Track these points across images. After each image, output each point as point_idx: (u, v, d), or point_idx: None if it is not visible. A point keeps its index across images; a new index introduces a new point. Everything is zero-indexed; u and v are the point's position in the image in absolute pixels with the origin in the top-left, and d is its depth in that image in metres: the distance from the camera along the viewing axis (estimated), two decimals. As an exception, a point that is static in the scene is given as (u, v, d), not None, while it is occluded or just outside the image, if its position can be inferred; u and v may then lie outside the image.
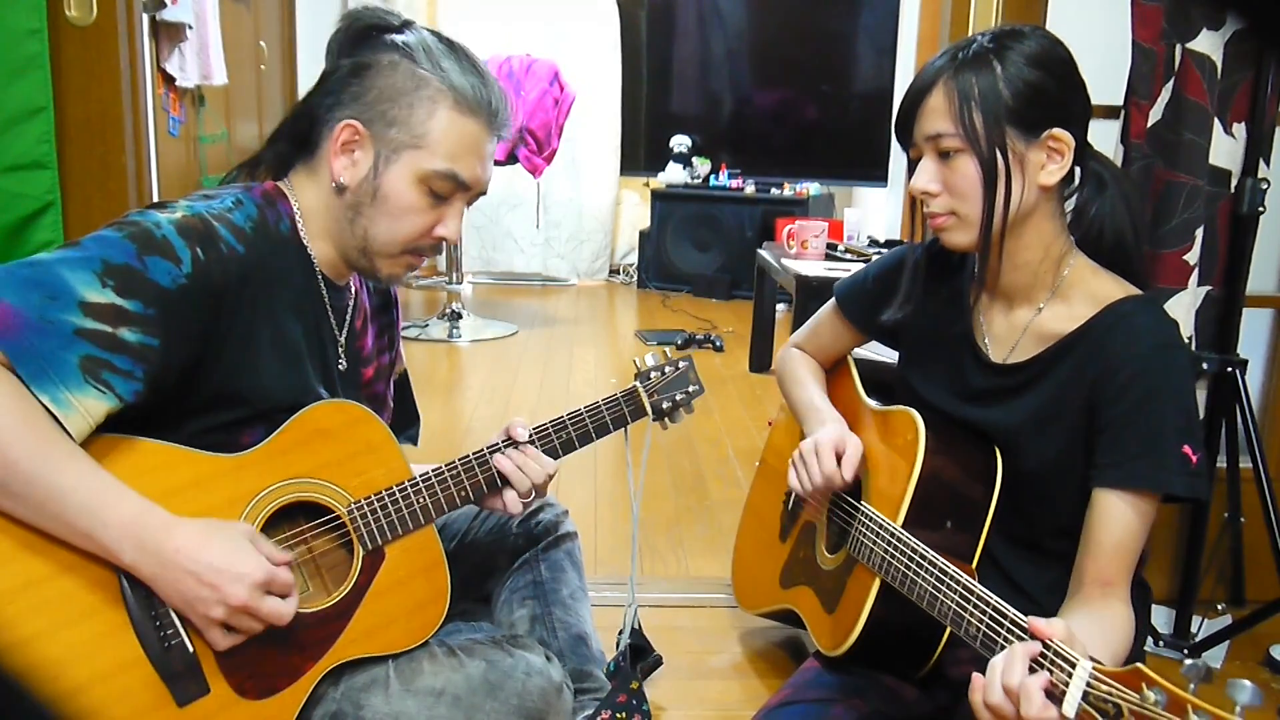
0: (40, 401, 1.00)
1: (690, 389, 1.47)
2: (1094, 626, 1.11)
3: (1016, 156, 1.20)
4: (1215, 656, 1.81)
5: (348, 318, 1.31)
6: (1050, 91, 1.20)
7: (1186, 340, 1.77)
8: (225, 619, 1.07)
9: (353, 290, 1.33)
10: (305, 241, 1.23)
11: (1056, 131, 1.20)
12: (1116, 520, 1.18)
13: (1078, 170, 1.28)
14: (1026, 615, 1.03)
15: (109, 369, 1.03)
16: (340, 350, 1.30)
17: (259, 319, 1.16)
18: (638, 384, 1.45)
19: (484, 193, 1.26)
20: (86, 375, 1.02)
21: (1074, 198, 1.30)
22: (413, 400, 1.54)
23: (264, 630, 1.10)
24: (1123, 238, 1.28)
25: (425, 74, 1.18)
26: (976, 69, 1.19)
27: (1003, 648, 1.04)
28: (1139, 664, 0.88)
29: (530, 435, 1.33)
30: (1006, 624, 1.06)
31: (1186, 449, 1.16)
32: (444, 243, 1.25)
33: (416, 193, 1.19)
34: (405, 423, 1.52)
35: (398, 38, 1.20)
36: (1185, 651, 1.81)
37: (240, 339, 1.14)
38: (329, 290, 1.26)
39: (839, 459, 1.40)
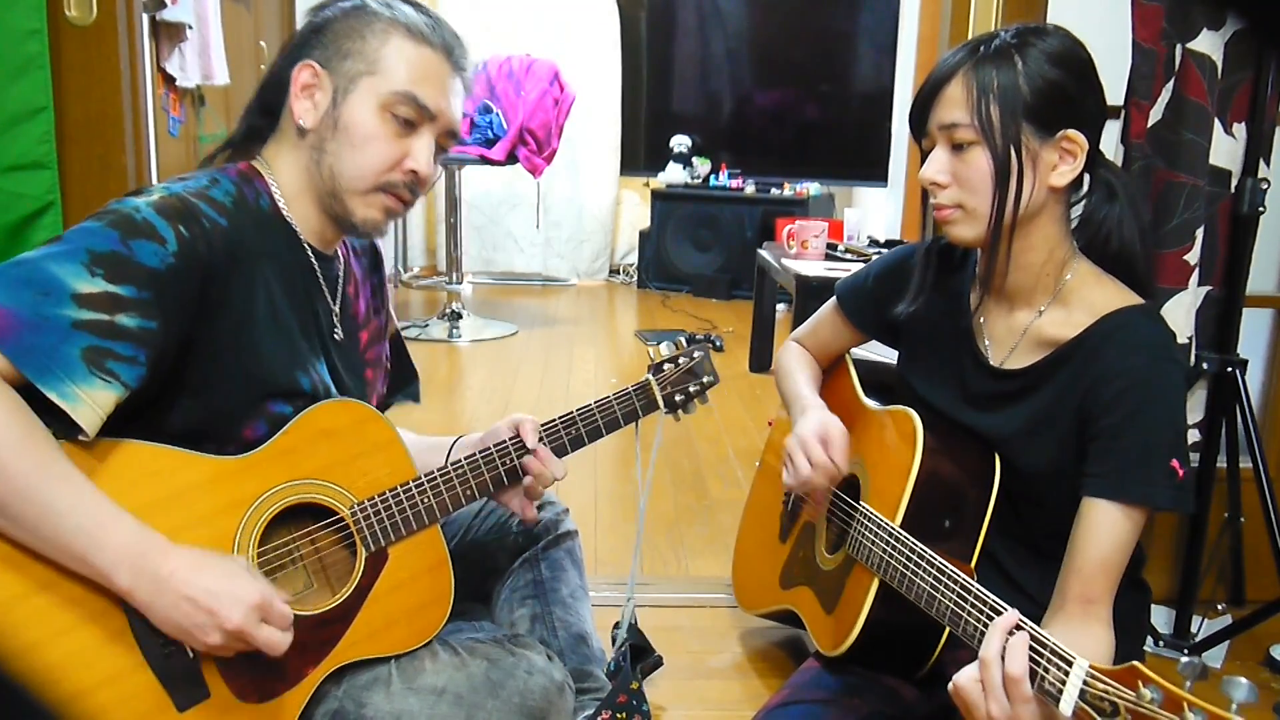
0: (48, 398, 1.00)
1: (705, 380, 1.46)
2: (1072, 649, 1.11)
3: (1030, 154, 1.20)
4: (1215, 656, 1.81)
5: (339, 286, 1.31)
6: (1069, 91, 1.19)
7: (1187, 340, 1.77)
8: (222, 644, 1.05)
9: (341, 258, 1.32)
10: (287, 215, 1.23)
11: (1071, 133, 1.20)
12: (1104, 531, 1.18)
13: (1087, 176, 1.27)
14: (1026, 615, 1.04)
15: (112, 357, 1.03)
16: (335, 319, 1.29)
17: (250, 292, 1.15)
18: (650, 376, 1.44)
19: (454, 132, 1.25)
20: (91, 366, 1.02)
21: (1082, 204, 1.29)
22: (408, 356, 1.53)
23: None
24: (1130, 247, 1.27)
25: (376, 9, 1.20)
26: (998, 63, 1.19)
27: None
28: (1135, 662, 0.88)
29: (541, 436, 1.33)
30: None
31: (1174, 463, 1.17)
32: (418, 180, 1.22)
33: (377, 120, 1.19)
34: (404, 380, 1.52)
35: None
36: (1185, 651, 1.81)
37: (233, 313, 1.14)
38: (318, 261, 1.26)
39: (825, 448, 1.40)
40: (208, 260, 1.10)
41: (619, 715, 1.42)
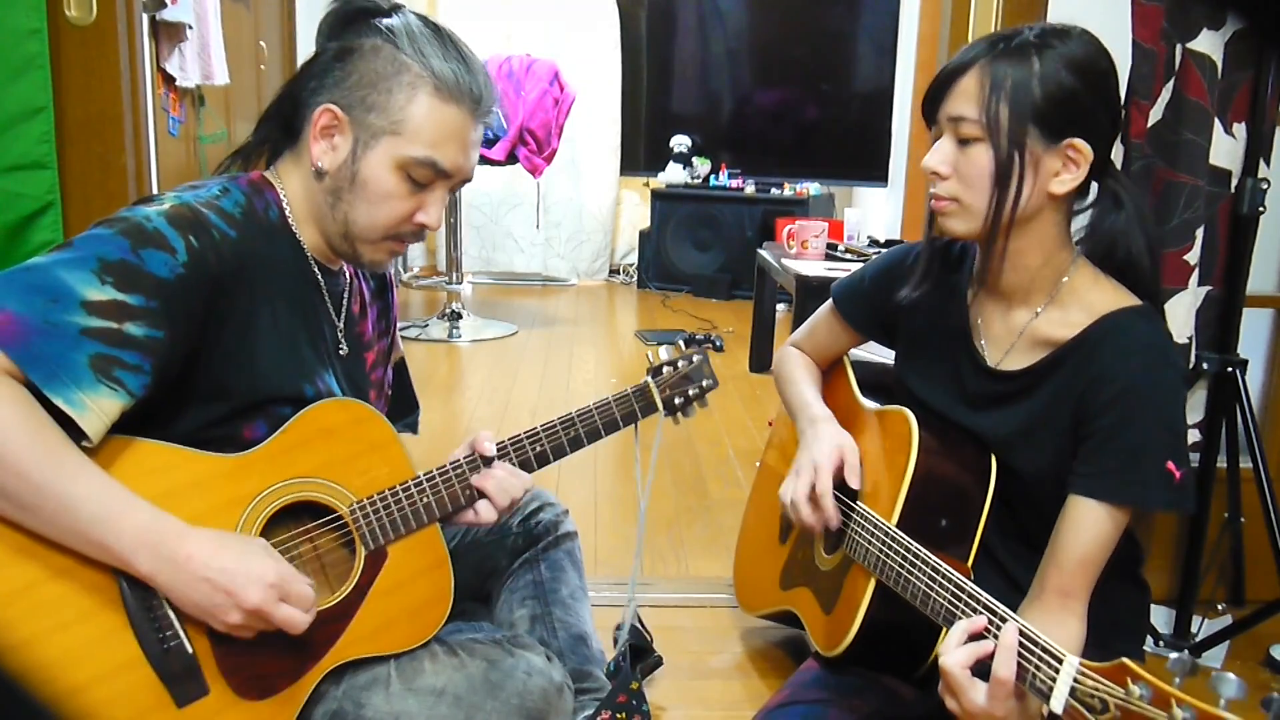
0: (54, 404, 1.01)
1: (704, 383, 1.46)
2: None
3: (1033, 158, 1.19)
4: (1215, 656, 1.81)
5: (344, 302, 1.31)
6: (1081, 99, 1.18)
7: (1187, 340, 1.77)
8: (242, 623, 1.07)
9: (347, 275, 1.33)
10: (294, 228, 1.23)
11: (1077, 142, 1.19)
12: (1088, 529, 1.18)
13: (1094, 184, 1.26)
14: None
15: (119, 365, 1.03)
16: (340, 334, 1.30)
17: (256, 304, 1.16)
18: (649, 379, 1.44)
19: (468, 180, 1.25)
20: (98, 374, 1.02)
21: (1088, 212, 1.28)
22: (411, 387, 1.53)
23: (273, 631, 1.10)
24: (1137, 258, 1.26)
25: (406, 59, 1.17)
26: (1014, 60, 1.18)
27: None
28: (1124, 659, 0.89)
29: (505, 447, 1.30)
30: (999, 622, 1.06)
31: (1170, 465, 1.16)
32: (426, 230, 1.24)
33: (395, 179, 1.18)
34: (404, 410, 1.52)
35: (384, 21, 1.19)
36: (1186, 651, 1.80)
37: (239, 324, 1.14)
38: (323, 275, 1.26)
39: (842, 467, 1.40)
40: (216, 271, 1.11)
41: (619, 715, 1.42)
